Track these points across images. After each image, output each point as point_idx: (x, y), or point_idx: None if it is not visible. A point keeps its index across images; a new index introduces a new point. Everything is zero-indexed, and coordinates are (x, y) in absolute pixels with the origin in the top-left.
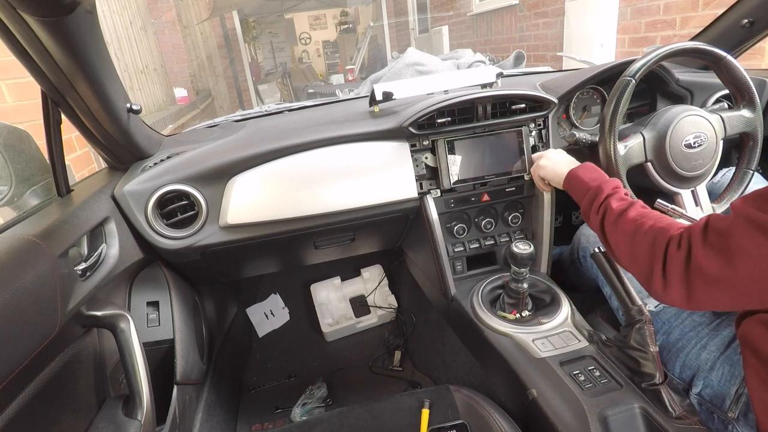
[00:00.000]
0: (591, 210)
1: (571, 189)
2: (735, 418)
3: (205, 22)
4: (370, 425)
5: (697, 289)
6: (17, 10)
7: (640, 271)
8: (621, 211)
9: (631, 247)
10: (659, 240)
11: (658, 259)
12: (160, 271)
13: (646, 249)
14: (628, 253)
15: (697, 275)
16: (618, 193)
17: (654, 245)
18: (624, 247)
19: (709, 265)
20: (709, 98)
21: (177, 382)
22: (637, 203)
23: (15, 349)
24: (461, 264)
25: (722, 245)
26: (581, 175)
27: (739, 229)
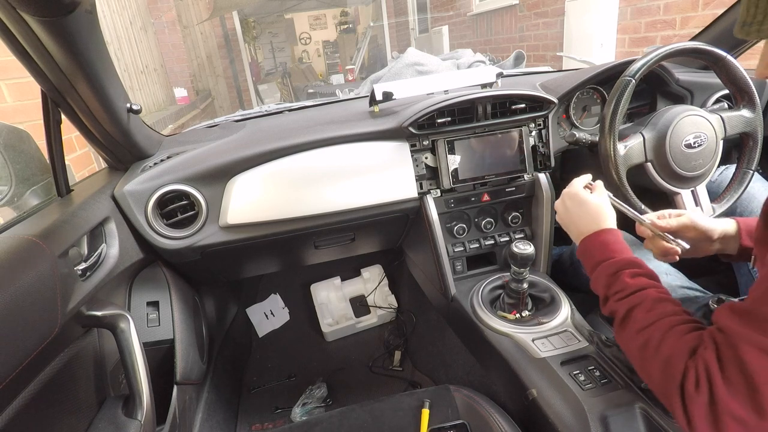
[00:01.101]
0: (600, 301)
1: (580, 257)
2: None
3: (205, 22)
4: (370, 425)
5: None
6: (17, 10)
7: (659, 395)
8: (624, 314)
9: (642, 365)
10: (672, 372)
11: (676, 396)
12: (160, 271)
13: (659, 377)
14: (640, 371)
15: (728, 420)
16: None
17: (666, 376)
18: (636, 362)
19: (740, 411)
20: (709, 98)
21: (177, 382)
22: (643, 301)
23: (15, 349)
24: (461, 264)
25: (748, 385)
26: (584, 261)
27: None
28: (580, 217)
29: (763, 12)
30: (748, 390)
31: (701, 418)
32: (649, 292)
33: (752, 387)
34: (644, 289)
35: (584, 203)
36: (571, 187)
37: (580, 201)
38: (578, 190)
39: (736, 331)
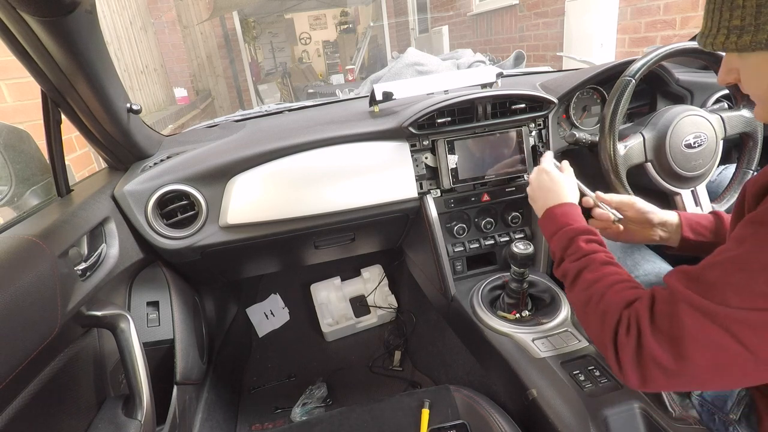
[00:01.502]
0: (554, 264)
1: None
2: (737, 420)
3: (205, 22)
4: (370, 425)
5: (654, 379)
6: (17, 10)
7: (597, 346)
8: (574, 275)
9: (584, 319)
10: (608, 321)
11: (609, 343)
12: (160, 271)
13: (597, 326)
14: (583, 324)
15: (651, 365)
16: (573, 254)
17: (603, 326)
18: (579, 316)
19: (662, 356)
20: (709, 98)
21: (177, 382)
22: (591, 263)
23: (15, 349)
24: (461, 264)
25: (672, 334)
26: (543, 233)
27: (686, 317)
28: (549, 190)
29: (717, 26)
30: (671, 339)
31: (629, 362)
32: (599, 255)
33: (676, 337)
34: (595, 252)
35: (555, 180)
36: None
37: (552, 178)
38: (551, 168)
39: (678, 290)
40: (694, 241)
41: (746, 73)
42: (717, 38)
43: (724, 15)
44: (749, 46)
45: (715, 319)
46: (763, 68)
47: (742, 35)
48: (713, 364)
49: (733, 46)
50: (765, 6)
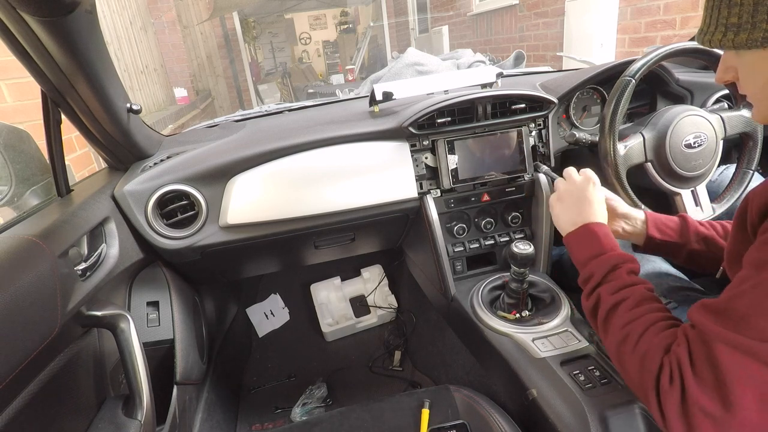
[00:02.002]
0: (584, 292)
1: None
2: None
3: (205, 22)
4: (370, 425)
5: (702, 429)
6: (17, 10)
7: (634, 389)
8: (611, 307)
9: (619, 361)
10: (647, 367)
11: (651, 391)
12: (160, 271)
13: (635, 372)
14: (618, 365)
15: (698, 414)
16: (612, 282)
17: (643, 372)
18: (613, 356)
19: (709, 404)
20: (709, 98)
21: (177, 382)
22: (630, 297)
23: (15, 349)
24: (461, 264)
25: (716, 379)
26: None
27: (725, 357)
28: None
29: (715, 23)
30: (716, 385)
31: (674, 413)
32: (638, 288)
33: (721, 382)
34: (634, 285)
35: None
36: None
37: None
38: (597, 179)
39: (708, 328)
40: (660, 240)
41: (743, 71)
42: (714, 35)
43: (722, 12)
44: (745, 44)
45: (757, 356)
46: (759, 66)
47: (739, 33)
48: (763, 402)
49: (729, 43)
50: (762, 4)
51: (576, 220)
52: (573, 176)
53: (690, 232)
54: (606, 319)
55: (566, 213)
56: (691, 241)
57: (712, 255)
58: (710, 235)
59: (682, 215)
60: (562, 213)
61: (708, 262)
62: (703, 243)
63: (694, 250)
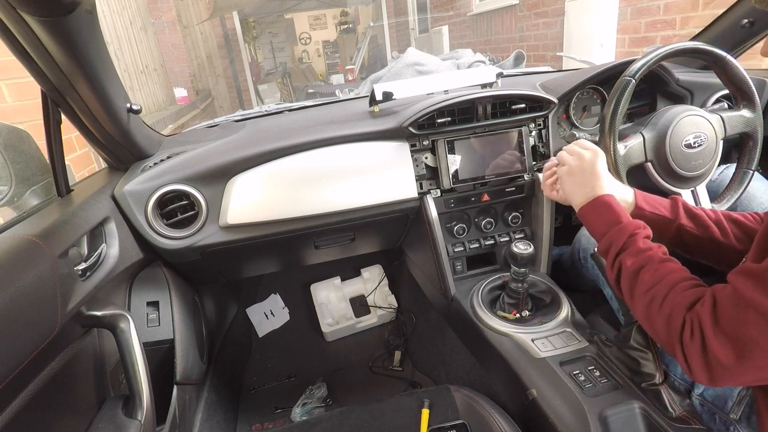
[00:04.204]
0: (607, 261)
1: (586, 225)
2: (737, 420)
3: (205, 22)
4: (370, 425)
5: (722, 378)
6: (17, 10)
7: (663, 346)
8: (635, 271)
9: (648, 321)
10: (673, 324)
11: (677, 344)
12: (160, 271)
13: (662, 329)
14: (647, 326)
15: (716, 365)
16: (633, 246)
17: (669, 328)
18: (641, 318)
19: (725, 356)
20: (709, 98)
21: (177, 382)
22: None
23: (15, 349)
24: (461, 264)
25: (735, 336)
26: (593, 219)
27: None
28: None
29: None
30: (734, 340)
31: (697, 362)
32: (656, 252)
33: (739, 338)
34: (651, 250)
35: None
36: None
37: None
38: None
39: (745, 293)
40: (649, 213)
41: None
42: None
43: None
44: None
45: None
46: None
47: None
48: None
49: None
50: None
51: (589, 194)
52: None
53: (680, 209)
54: (631, 285)
55: (580, 187)
56: (681, 216)
57: (700, 233)
58: (699, 214)
59: (672, 196)
60: (576, 187)
61: (696, 241)
62: (692, 220)
63: (682, 226)
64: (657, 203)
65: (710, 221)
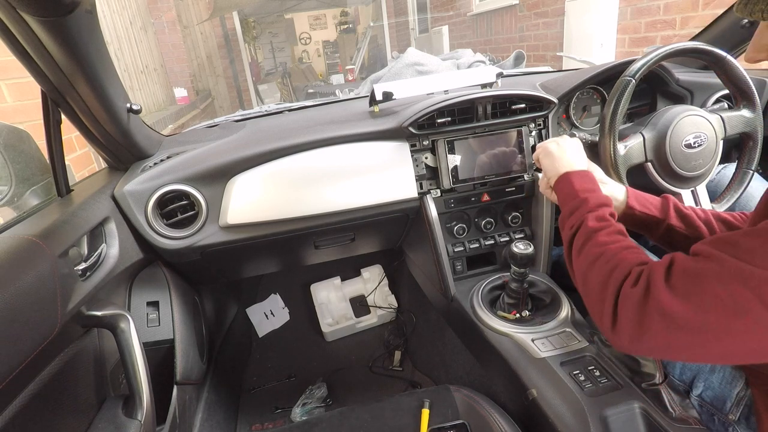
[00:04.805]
0: (567, 221)
1: (559, 191)
2: (736, 421)
3: (205, 22)
4: (370, 425)
5: (653, 331)
6: (17, 10)
7: (591, 302)
8: (593, 230)
9: (588, 273)
10: (615, 275)
11: (611, 295)
12: (160, 271)
13: (600, 280)
14: (582, 279)
15: (654, 315)
16: (600, 211)
17: (609, 278)
18: (581, 271)
19: (671, 307)
20: (709, 98)
21: (177, 382)
22: (615, 226)
23: (15, 349)
24: (461, 264)
25: (691, 290)
26: (573, 182)
27: (712, 275)
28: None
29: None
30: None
31: (628, 311)
32: (618, 225)
33: (693, 293)
34: (612, 222)
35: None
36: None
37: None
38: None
39: (707, 251)
40: (639, 212)
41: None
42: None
43: None
44: None
45: (747, 281)
46: None
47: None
48: (726, 327)
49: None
50: None
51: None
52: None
53: (670, 209)
54: (585, 240)
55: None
56: (671, 216)
57: (689, 233)
58: (689, 214)
59: (664, 195)
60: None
61: (684, 240)
62: (682, 220)
63: (672, 226)
64: (648, 202)
65: (700, 221)
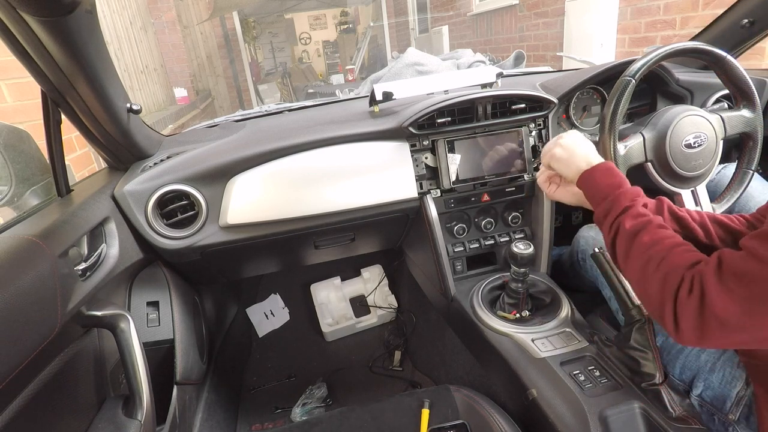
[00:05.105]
0: (604, 224)
1: (585, 190)
2: (736, 421)
3: (205, 22)
4: (370, 425)
5: (713, 336)
6: (17, 10)
7: (652, 308)
8: (634, 233)
9: (642, 281)
10: (669, 281)
11: (669, 302)
12: (160, 271)
13: (656, 288)
14: (639, 287)
15: (712, 322)
16: (634, 208)
17: (664, 286)
18: (635, 279)
19: (726, 312)
20: (709, 98)
21: (177, 382)
22: (653, 222)
23: (15, 349)
24: (461, 264)
25: (743, 293)
26: (597, 180)
27: (761, 277)
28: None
29: None
30: (741, 297)
31: (690, 320)
32: (655, 218)
33: (746, 296)
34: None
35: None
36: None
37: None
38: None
39: (755, 249)
40: None
41: None
42: None
43: None
44: None
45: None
46: None
47: None
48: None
49: None
50: None
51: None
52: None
53: (664, 211)
54: (627, 247)
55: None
56: (665, 218)
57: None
58: (684, 216)
59: (659, 198)
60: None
61: None
62: (677, 222)
63: None
64: None
65: (694, 223)
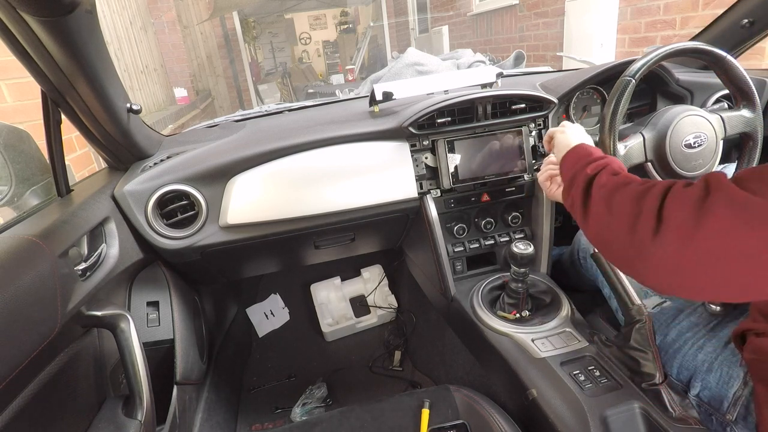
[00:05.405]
0: (585, 168)
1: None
2: (733, 421)
3: (205, 22)
4: (370, 425)
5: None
6: (17, 10)
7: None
8: (618, 170)
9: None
10: (654, 190)
11: (652, 199)
12: (160, 271)
13: (631, 199)
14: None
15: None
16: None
17: (647, 192)
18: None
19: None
20: (709, 98)
21: (177, 382)
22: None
23: (15, 349)
24: (461, 264)
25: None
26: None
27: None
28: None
29: None
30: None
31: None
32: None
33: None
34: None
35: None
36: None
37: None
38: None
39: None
40: None
41: None
42: None
43: None
44: None
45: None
46: None
47: None
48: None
49: None
50: None
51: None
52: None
53: None
54: (610, 177)
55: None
56: None
57: None
58: None
59: None
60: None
61: None
62: None
63: None
64: None
65: None
